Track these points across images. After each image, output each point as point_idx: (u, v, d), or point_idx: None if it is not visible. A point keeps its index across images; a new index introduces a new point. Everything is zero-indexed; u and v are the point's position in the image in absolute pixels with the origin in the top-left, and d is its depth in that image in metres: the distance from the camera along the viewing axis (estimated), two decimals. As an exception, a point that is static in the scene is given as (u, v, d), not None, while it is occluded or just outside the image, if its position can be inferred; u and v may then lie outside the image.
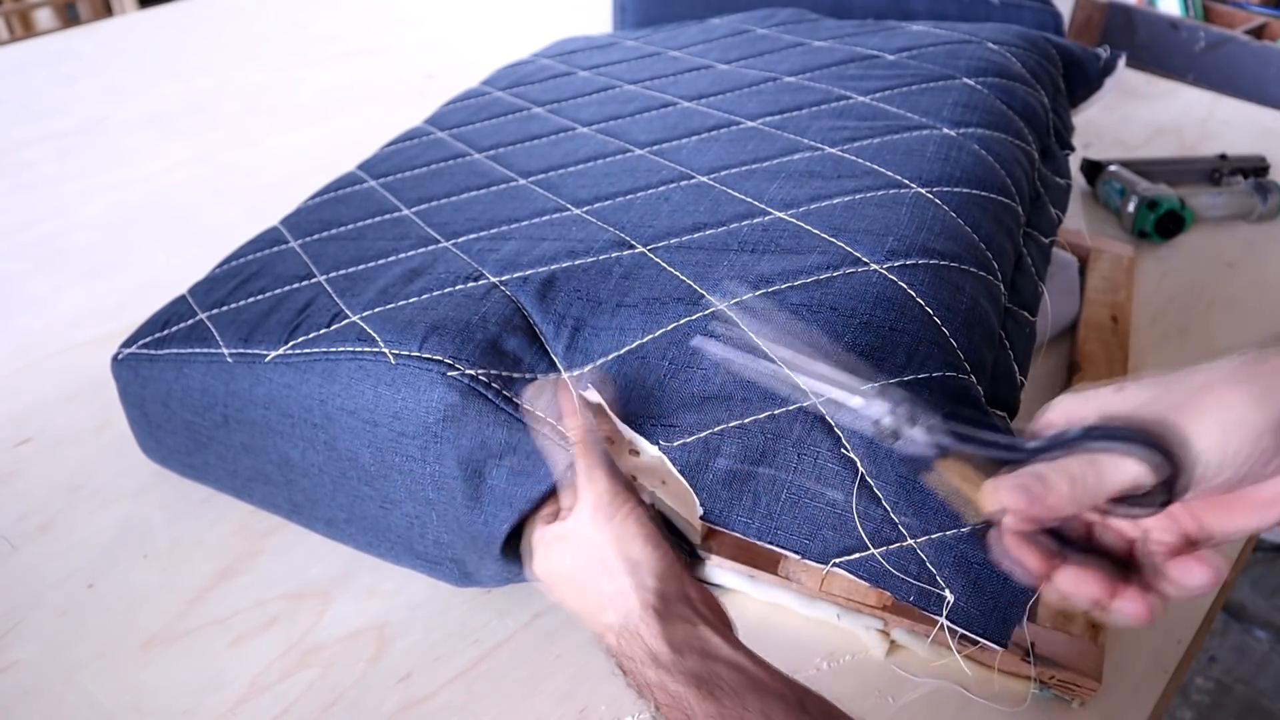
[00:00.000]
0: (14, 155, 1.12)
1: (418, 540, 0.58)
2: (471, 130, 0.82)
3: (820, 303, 0.52)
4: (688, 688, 0.45)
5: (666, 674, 0.46)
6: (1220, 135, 1.17)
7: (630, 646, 0.47)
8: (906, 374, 0.49)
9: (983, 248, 0.58)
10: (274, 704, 0.56)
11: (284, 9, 1.56)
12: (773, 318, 0.51)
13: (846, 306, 0.51)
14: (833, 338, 0.50)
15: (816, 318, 0.51)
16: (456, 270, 0.61)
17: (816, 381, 0.45)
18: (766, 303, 0.52)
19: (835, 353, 0.50)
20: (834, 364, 0.44)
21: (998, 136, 0.69)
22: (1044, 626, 0.56)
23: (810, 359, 0.45)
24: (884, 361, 0.50)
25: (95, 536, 0.66)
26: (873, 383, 0.48)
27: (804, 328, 0.51)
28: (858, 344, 0.50)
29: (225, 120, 1.21)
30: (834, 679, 0.56)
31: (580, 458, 0.51)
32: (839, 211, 0.59)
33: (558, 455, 0.52)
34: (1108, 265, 0.89)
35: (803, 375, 0.45)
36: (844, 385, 0.43)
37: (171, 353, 0.64)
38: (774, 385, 0.51)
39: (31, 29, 2.30)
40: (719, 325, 0.52)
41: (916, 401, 0.41)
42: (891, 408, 0.41)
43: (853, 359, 0.50)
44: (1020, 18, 1.11)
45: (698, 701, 0.45)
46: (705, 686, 0.45)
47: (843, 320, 0.51)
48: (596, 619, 0.49)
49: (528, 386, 0.54)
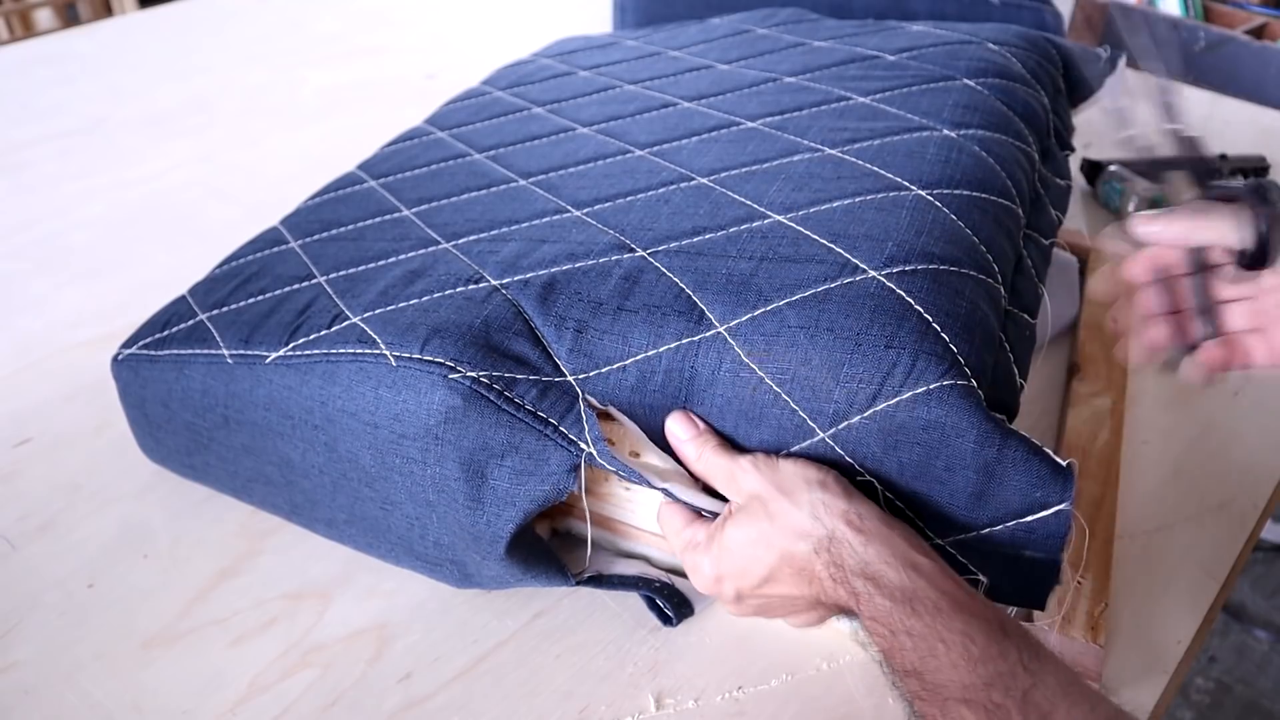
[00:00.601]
0: (14, 155, 1.12)
1: (418, 542, 0.58)
2: (472, 130, 0.82)
3: (818, 325, 0.52)
4: (894, 603, 0.45)
5: (874, 585, 0.46)
6: (1220, 135, 1.17)
7: (839, 552, 0.47)
8: (904, 392, 0.50)
9: (983, 251, 0.58)
10: (274, 704, 0.56)
11: (284, 9, 1.56)
12: (773, 345, 0.52)
13: (843, 327, 0.51)
14: (832, 367, 0.51)
15: (814, 343, 0.51)
16: (457, 272, 0.61)
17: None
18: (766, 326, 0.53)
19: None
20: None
21: (998, 138, 0.69)
22: (1044, 627, 0.56)
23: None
24: (882, 385, 0.50)
25: (95, 536, 0.66)
26: (863, 407, 0.50)
27: (801, 354, 0.52)
28: (855, 372, 0.51)
29: (225, 120, 1.21)
30: (834, 679, 0.57)
31: (714, 456, 0.52)
32: (839, 216, 0.59)
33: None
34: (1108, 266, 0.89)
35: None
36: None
37: (172, 353, 0.64)
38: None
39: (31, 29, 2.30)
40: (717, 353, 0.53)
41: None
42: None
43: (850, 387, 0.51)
44: (1020, 18, 1.11)
45: (903, 618, 0.45)
46: (910, 603, 0.45)
47: (840, 345, 0.51)
48: (792, 560, 0.48)
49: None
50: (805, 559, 0.48)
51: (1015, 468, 0.49)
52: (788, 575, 0.49)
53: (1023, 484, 0.49)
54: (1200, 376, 0.56)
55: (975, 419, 0.49)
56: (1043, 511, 0.49)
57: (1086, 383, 0.76)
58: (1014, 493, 0.49)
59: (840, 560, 0.47)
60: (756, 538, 0.50)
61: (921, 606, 0.45)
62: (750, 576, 0.51)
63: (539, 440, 0.53)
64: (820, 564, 0.48)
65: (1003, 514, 0.50)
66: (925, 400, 0.50)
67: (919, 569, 0.46)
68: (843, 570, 0.47)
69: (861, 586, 0.46)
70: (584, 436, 0.53)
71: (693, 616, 0.60)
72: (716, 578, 0.52)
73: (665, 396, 0.54)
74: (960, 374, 0.50)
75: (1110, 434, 0.72)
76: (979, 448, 0.49)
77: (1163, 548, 0.65)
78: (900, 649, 0.45)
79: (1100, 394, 0.75)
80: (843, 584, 0.47)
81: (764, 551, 0.50)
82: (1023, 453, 0.49)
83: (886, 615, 0.45)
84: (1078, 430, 0.72)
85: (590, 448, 0.53)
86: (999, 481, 0.49)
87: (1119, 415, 0.73)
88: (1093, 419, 0.73)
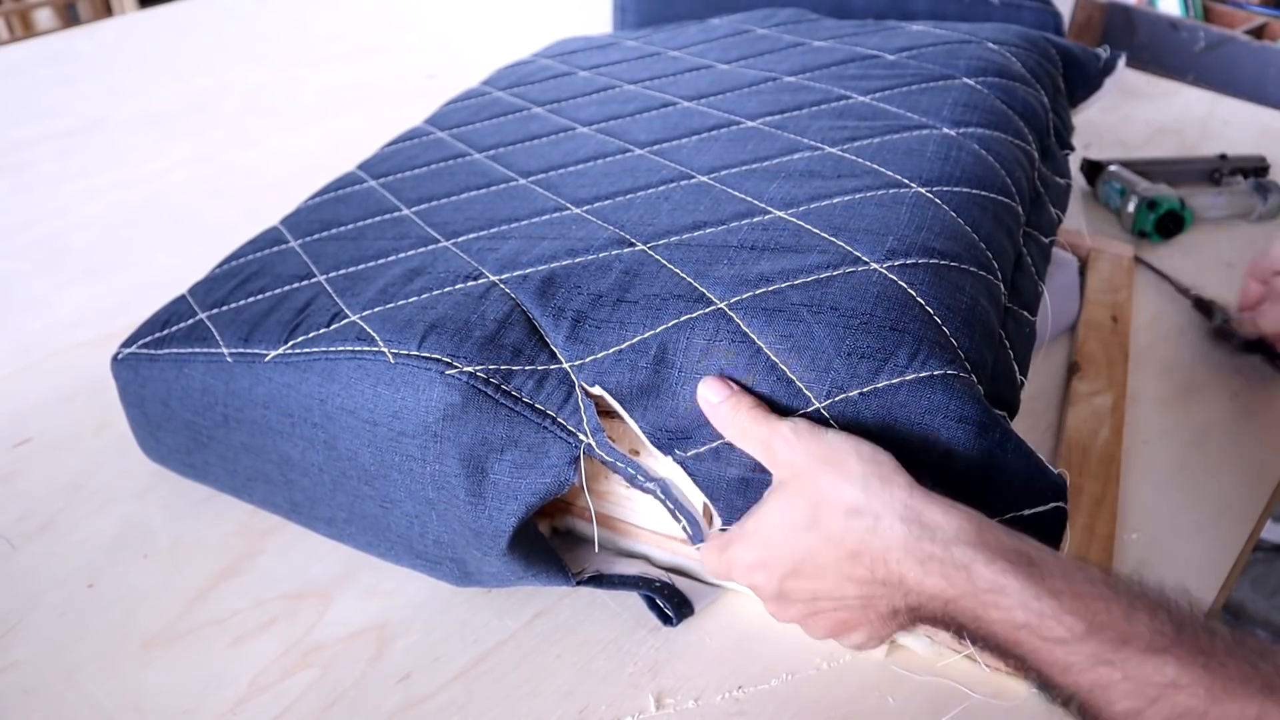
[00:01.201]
0: (14, 155, 1.12)
1: (418, 540, 0.58)
2: (471, 130, 0.82)
3: (821, 302, 0.52)
4: (1015, 565, 0.39)
5: (987, 552, 0.39)
6: (1220, 135, 1.17)
7: (917, 528, 0.40)
8: (909, 373, 0.49)
9: (983, 247, 0.59)
10: (274, 704, 0.56)
11: (284, 9, 1.56)
12: (774, 319, 0.51)
13: (847, 306, 0.51)
14: (835, 339, 0.50)
15: (818, 319, 0.51)
16: (456, 269, 0.61)
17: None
18: (768, 301, 0.52)
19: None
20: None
21: (998, 136, 0.69)
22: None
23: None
24: (886, 362, 0.50)
25: (95, 536, 0.66)
26: (865, 382, 0.49)
27: (804, 327, 0.51)
28: (859, 346, 0.50)
29: (225, 120, 1.21)
30: (834, 679, 0.56)
31: (749, 421, 0.47)
32: (839, 211, 0.59)
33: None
34: (1108, 265, 0.89)
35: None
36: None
37: (171, 352, 0.64)
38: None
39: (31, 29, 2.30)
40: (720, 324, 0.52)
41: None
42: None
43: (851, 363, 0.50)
44: (1020, 18, 1.11)
45: (1040, 581, 0.38)
46: (1029, 564, 0.39)
47: (844, 321, 0.51)
48: (843, 542, 0.42)
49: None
50: (858, 540, 0.42)
51: (1013, 462, 0.49)
52: (835, 562, 0.43)
53: (1020, 479, 0.49)
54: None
55: (975, 410, 0.49)
56: (1039, 507, 0.49)
57: (1086, 382, 0.76)
58: (1011, 487, 0.49)
59: (925, 532, 0.40)
60: (799, 517, 0.44)
61: (1048, 568, 0.39)
62: (791, 563, 0.44)
63: (538, 433, 0.53)
64: (886, 543, 0.41)
65: (999, 508, 0.50)
66: (929, 384, 0.49)
67: (1014, 533, 0.41)
68: (934, 542, 0.40)
69: (967, 555, 0.39)
70: (582, 427, 0.53)
71: (693, 616, 0.60)
72: (752, 565, 0.46)
73: (658, 376, 0.53)
74: (961, 367, 0.50)
75: (1110, 433, 0.72)
76: (978, 438, 0.49)
77: (1163, 547, 0.65)
78: (1048, 617, 0.38)
79: (1100, 393, 0.75)
80: (933, 561, 0.40)
81: (806, 534, 0.43)
82: (1021, 449, 0.49)
83: (1014, 583, 0.38)
84: (1078, 429, 0.72)
85: (589, 438, 0.53)
86: (996, 474, 0.49)
87: (1119, 414, 0.73)
88: (1093, 418, 0.73)
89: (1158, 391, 0.78)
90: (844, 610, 0.44)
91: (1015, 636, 0.39)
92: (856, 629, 0.45)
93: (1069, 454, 0.70)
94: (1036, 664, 0.39)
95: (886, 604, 0.43)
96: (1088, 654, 0.37)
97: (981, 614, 0.39)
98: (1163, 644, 0.36)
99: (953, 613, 0.40)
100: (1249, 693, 0.34)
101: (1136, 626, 0.37)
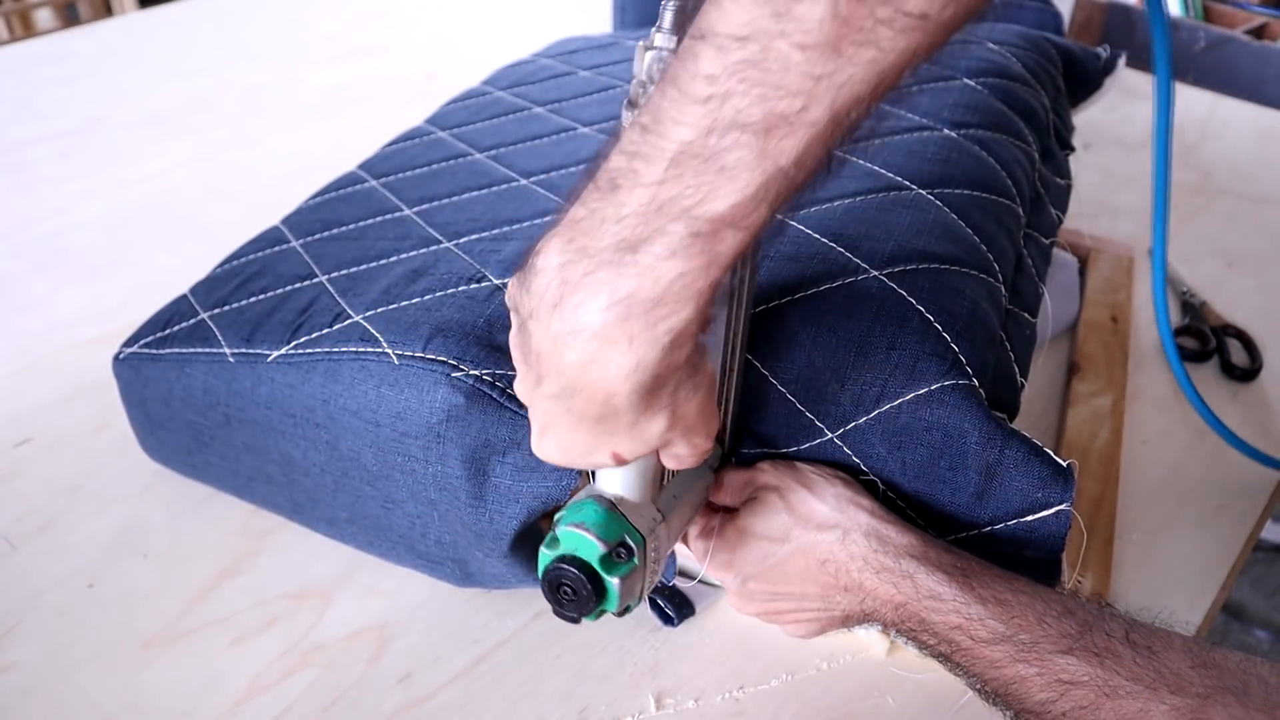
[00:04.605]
0: (14, 155, 1.12)
1: (419, 540, 0.58)
2: (472, 130, 0.82)
3: (819, 324, 0.52)
4: (950, 575, 0.45)
5: (927, 564, 0.46)
6: (1220, 135, 1.17)
7: (876, 541, 0.47)
8: (908, 392, 0.50)
9: (984, 250, 0.59)
10: (274, 704, 0.56)
11: (284, 9, 1.56)
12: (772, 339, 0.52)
13: (846, 329, 0.52)
14: (835, 368, 0.51)
15: (817, 345, 0.52)
16: (459, 271, 0.61)
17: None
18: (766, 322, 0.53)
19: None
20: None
21: (998, 137, 0.69)
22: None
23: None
24: (887, 383, 0.50)
25: (95, 536, 0.66)
26: (869, 408, 0.50)
27: (805, 355, 0.52)
28: (857, 370, 0.51)
29: (225, 120, 1.21)
30: (834, 679, 0.56)
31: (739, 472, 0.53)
32: (839, 214, 0.59)
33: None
34: (1108, 265, 0.90)
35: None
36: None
37: (173, 352, 0.64)
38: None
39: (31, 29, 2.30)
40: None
41: None
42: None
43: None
44: (1020, 18, 1.11)
45: (970, 588, 0.45)
46: (966, 575, 0.45)
47: (842, 344, 0.51)
48: (811, 552, 0.48)
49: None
50: (828, 551, 0.48)
51: (1017, 468, 0.49)
52: (802, 570, 0.49)
53: (1024, 484, 0.49)
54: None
55: (977, 419, 0.49)
56: (1043, 511, 0.49)
57: (1086, 382, 0.76)
58: (1015, 492, 0.50)
59: (882, 546, 0.47)
60: (776, 529, 0.50)
61: (979, 579, 0.45)
62: (763, 567, 0.50)
63: (540, 437, 0.53)
64: (850, 554, 0.47)
65: (1004, 513, 0.50)
66: (927, 401, 0.50)
67: (956, 551, 0.47)
68: (887, 554, 0.47)
69: (912, 567, 0.46)
70: None
71: (693, 616, 0.60)
72: (727, 564, 0.52)
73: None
74: (961, 373, 0.50)
75: (1110, 434, 0.72)
76: (981, 448, 0.49)
77: (1163, 548, 0.65)
78: (975, 620, 0.44)
79: (1100, 394, 0.75)
80: (886, 571, 0.46)
81: (779, 545, 0.49)
82: (1024, 453, 0.49)
83: (949, 591, 0.45)
84: (1078, 430, 0.72)
85: None
86: (1000, 481, 0.49)
87: (1119, 415, 0.73)
88: (1093, 419, 0.73)
89: (1157, 392, 0.78)
90: (799, 607, 0.51)
91: (951, 637, 0.45)
92: (806, 620, 0.52)
93: (1069, 454, 0.70)
94: (969, 661, 0.45)
95: (842, 608, 0.49)
96: (1008, 652, 0.43)
97: (925, 616, 0.46)
98: (1067, 645, 0.42)
99: (902, 616, 0.47)
100: (1137, 690, 0.40)
101: (1047, 629, 0.43)
